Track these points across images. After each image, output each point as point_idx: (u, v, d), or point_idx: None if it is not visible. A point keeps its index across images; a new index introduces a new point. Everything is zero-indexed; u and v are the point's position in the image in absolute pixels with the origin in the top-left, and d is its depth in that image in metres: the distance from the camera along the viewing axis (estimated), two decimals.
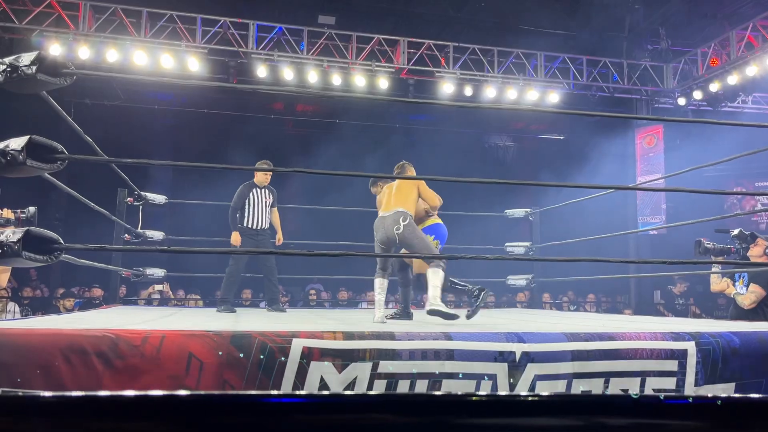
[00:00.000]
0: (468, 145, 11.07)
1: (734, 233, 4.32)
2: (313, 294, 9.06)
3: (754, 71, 8.41)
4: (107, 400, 0.59)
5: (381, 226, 3.93)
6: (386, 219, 3.91)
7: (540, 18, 9.41)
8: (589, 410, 0.67)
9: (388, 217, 3.90)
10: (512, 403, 0.69)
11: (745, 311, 4.42)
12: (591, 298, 9.70)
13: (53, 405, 0.58)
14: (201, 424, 0.59)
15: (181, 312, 4.96)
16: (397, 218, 3.86)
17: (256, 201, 5.25)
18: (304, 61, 8.59)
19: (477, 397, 0.67)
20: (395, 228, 3.84)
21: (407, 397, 0.74)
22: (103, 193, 5.69)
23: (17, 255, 2.21)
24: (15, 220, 3.25)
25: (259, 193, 5.27)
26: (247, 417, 0.61)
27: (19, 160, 2.30)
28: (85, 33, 7.91)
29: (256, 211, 5.23)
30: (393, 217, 3.88)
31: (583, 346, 2.48)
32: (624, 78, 9.64)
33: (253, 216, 5.22)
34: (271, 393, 0.57)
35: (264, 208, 5.28)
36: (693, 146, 8.98)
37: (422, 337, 2.40)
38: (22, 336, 2.14)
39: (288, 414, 0.63)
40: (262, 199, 5.28)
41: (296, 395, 0.63)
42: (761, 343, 2.68)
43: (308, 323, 3.41)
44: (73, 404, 0.58)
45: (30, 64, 2.40)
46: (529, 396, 0.76)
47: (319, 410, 0.63)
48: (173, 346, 2.17)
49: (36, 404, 0.58)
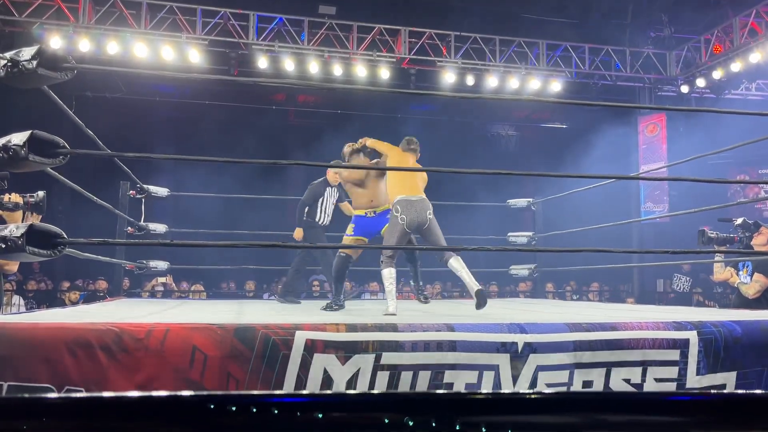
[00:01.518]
0: (470, 134, 11.05)
1: (737, 222, 4.31)
2: (316, 285, 9.09)
3: (757, 58, 8.35)
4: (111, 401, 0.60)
5: (412, 210, 3.81)
6: (416, 204, 3.84)
7: (542, 6, 9.34)
8: (590, 407, 0.68)
9: (418, 202, 3.85)
10: (513, 400, 0.70)
11: (749, 300, 4.42)
12: (594, 287, 9.71)
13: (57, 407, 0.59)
14: (205, 424, 0.59)
15: (185, 304, 4.98)
16: (427, 204, 3.87)
17: (327, 199, 5.49)
18: (304, 51, 8.56)
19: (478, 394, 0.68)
20: (428, 213, 3.84)
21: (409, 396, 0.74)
22: (105, 185, 5.70)
23: (21, 250, 2.22)
24: (24, 204, 3.25)
25: (331, 192, 5.49)
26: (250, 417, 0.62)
27: (21, 155, 2.30)
28: (86, 25, 7.89)
29: (326, 208, 5.50)
30: (424, 202, 3.87)
31: (584, 337, 2.48)
32: (627, 66, 9.59)
33: (323, 212, 5.47)
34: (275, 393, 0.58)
35: (332, 206, 5.53)
36: (696, 134, 8.96)
37: (425, 328, 2.40)
38: (28, 330, 2.15)
39: (292, 413, 0.63)
40: (333, 196, 5.51)
41: (299, 394, 0.63)
42: (763, 332, 2.69)
43: (312, 315, 3.43)
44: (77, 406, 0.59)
45: (30, 59, 2.39)
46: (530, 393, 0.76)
47: (321, 409, 0.63)
48: (177, 339, 2.18)
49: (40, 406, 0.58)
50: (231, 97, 9.95)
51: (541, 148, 11.35)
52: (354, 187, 4.33)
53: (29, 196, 3.24)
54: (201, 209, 8.11)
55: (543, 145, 11.49)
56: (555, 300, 7.50)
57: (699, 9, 9.27)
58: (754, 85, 9.73)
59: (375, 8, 9.05)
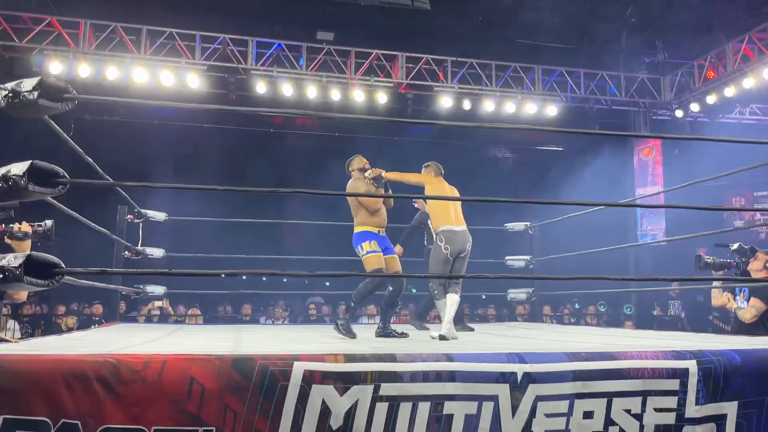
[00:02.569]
0: (467, 157, 11.09)
1: (734, 248, 4.33)
2: (313, 308, 9.05)
3: (750, 83, 8.46)
4: None
5: (457, 239, 4.08)
6: (459, 234, 4.10)
7: (537, 32, 9.47)
8: None
9: (460, 233, 4.11)
10: None
11: (746, 325, 4.41)
12: (591, 310, 9.69)
13: None
14: None
15: (182, 330, 4.95)
16: (469, 236, 4.13)
17: None
18: (303, 76, 8.64)
19: None
20: (468, 245, 4.12)
21: None
22: (103, 208, 5.70)
23: (19, 280, 2.22)
24: (33, 233, 3.27)
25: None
26: None
27: (21, 185, 2.31)
28: (85, 51, 7.96)
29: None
30: (466, 234, 4.13)
31: (584, 366, 2.47)
32: (621, 90, 9.69)
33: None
34: None
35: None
36: (691, 157, 9.01)
37: (423, 358, 2.39)
38: (24, 362, 2.13)
39: None
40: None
41: None
42: (762, 361, 2.68)
43: (311, 343, 3.41)
44: None
45: (32, 90, 2.41)
46: None
47: None
48: (175, 370, 2.16)
49: None
50: (229, 120, 10.01)
51: (538, 171, 11.41)
52: (369, 208, 4.25)
53: (37, 225, 3.26)
54: (198, 233, 8.10)
55: (539, 167, 11.56)
56: (553, 324, 7.48)
57: (692, 35, 9.42)
58: (748, 109, 9.83)
59: (372, 34, 9.16)
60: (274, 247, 8.77)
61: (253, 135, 10.34)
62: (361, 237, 4.18)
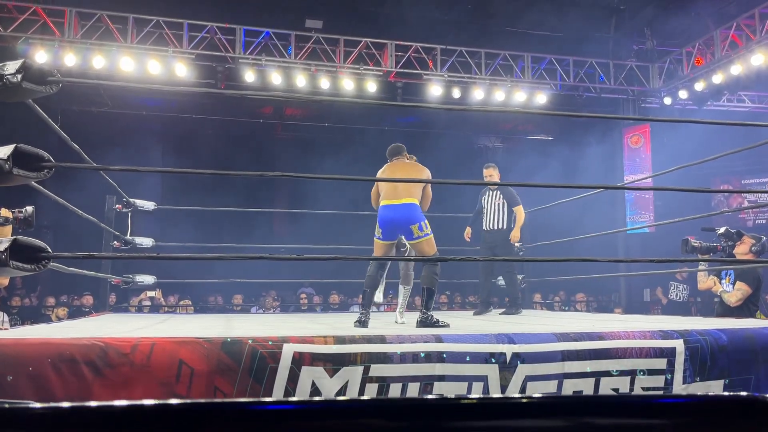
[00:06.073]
0: (457, 146, 11.09)
1: (720, 231, 4.37)
2: (304, 298, 9.05)
3: (738, 70, 8.50)
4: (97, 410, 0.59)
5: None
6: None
7: (526, 20, 9.45)
8: (578, 411, 0.68)
9: None
10: (501, 405, 0.70)
11: (731, 308, 4.46)
12: (581, 297, 9.75)
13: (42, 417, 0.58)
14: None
15: (172, 318, 4.94)
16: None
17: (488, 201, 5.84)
18: (291, 65, 8.58)
19: (466, 400, 0.68)
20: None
21: (397, 402, 0.74)
22: (92, 198, 5.66)
23: (4, 264, 2.20)
24: (13, 219, 3.22)
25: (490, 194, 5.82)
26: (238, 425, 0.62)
27: (5, 169, 2.29)
28: (71, 40, 7.86)
29: (487, 212, 5.80)
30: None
31: (573, 346, 2.49)
32: (610, 78, 9.71)
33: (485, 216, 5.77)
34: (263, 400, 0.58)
35: (494, 208, 5.79)
36: (679, 144, 9.06)
37: (413, 339, 2.40)
38: (11, 346, 2.12)
39: (280, 421, 0.63)
40: (493, 200, 5.80)
41: (288, 401, 0.63)
42: (748, 340, 2.71)
43: (300, 328, 3.41)
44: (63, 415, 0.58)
45: (15, 72, 2.38)
46: (518, 398, 0.76)
47: (310, 416, 0.63)
48: (164, 353, 2.16)
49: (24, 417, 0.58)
50: (218, 110, 9.94)
51: (528, 160, 11.42)
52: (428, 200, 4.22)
53: (18, 211, 3.21)
54: (188, 222, 8.06)
55: (529, 156, 11.57)
56: (543, 311, 7.52)
57: (680, 22, 9.43)
58: (736, 96, 9.88)
59: (361, 22, 9.11)
60: (263, 236, 8.74)
61: (243, 125, 10.28)
62: (423, 215, 3.90)
